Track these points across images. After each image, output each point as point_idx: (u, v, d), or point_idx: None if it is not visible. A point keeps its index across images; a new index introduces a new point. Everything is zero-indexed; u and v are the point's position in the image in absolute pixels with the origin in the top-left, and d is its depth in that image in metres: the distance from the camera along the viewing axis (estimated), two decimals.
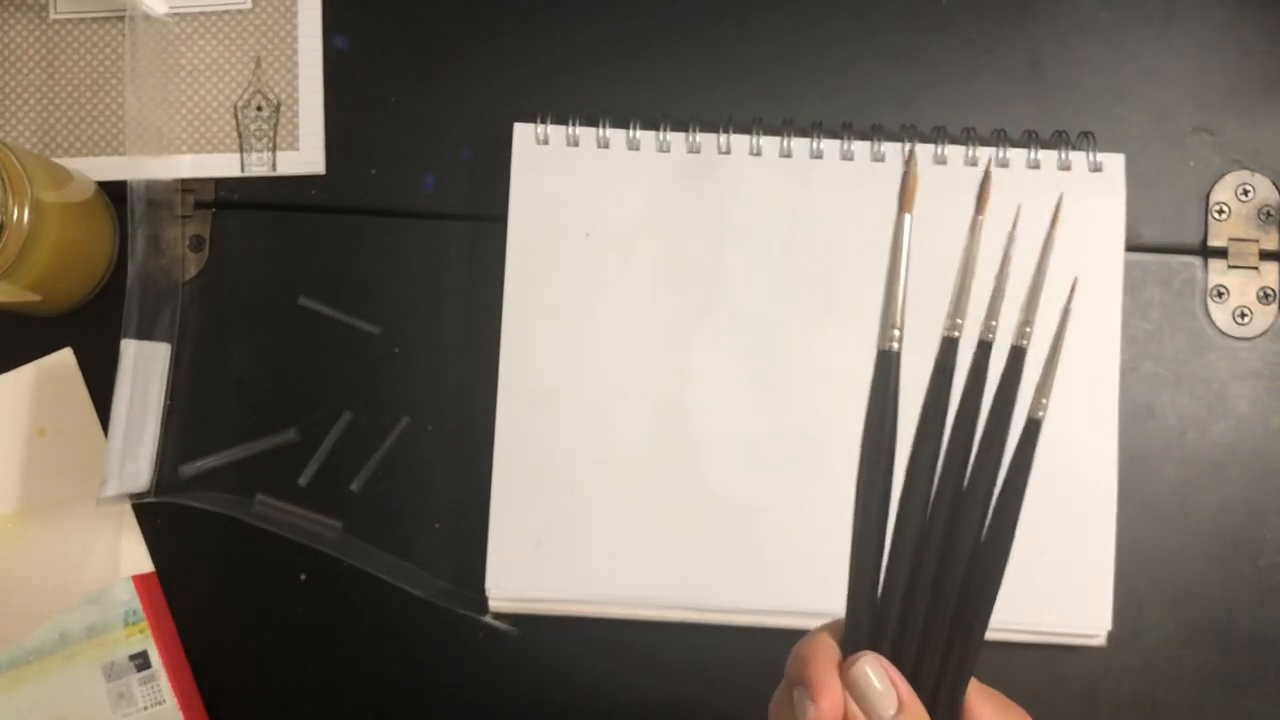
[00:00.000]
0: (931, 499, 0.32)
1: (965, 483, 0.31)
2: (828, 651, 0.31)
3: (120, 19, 0.55)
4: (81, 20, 0.56)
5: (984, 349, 0.31)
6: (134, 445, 0.52)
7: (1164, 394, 0.52)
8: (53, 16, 0.56)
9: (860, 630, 0.32)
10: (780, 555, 0.50)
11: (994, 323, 0.31)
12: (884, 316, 0.31)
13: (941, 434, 0.31)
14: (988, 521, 0.31)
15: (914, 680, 0.31)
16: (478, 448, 0.52)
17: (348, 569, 0.51)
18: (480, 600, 0.51)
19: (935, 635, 0.32)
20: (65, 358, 0.54)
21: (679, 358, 0.51)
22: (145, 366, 0.52)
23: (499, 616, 0.52)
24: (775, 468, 0.51)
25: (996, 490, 0.31)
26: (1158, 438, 0.52)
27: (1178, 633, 0.51)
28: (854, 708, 0.30)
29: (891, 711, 0.30)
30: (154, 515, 0.53)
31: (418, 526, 0.53)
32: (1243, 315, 0.52)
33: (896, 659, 0.31)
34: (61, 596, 0.52)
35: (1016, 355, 0.31)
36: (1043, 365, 0.31)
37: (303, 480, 0.53)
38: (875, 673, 0.30)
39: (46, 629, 0.51)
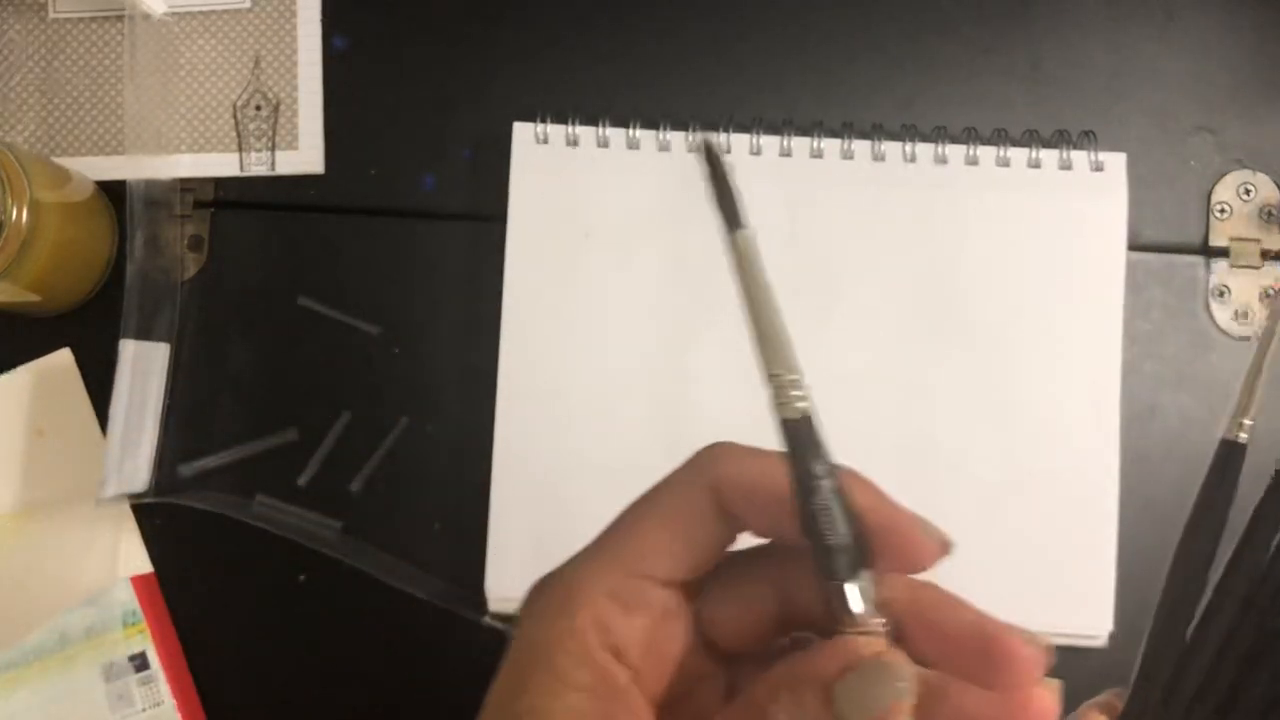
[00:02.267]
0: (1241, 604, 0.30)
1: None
2: None
3: (120, 18, 0.55)
4: (81, 20, 0.55)
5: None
6: (133, 445, 0.52)
7: (1166, 394, 0.52)
8: (52, 16, 0.56)
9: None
10: None
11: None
12: (1237, 405, 0.30)
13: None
14: None
15: None
16: (478, 448, 0.52)
17: (348, 569, 0.51)
18: (480, 600, 0.51)
19: None
20: (64, 358, 0.54)
21: (679, 358, 0.51)
22: (144, 366, 0.52)
23: (499, 617, 0.51)
24: None
25: None
26: (1159, 438, 0.52)
27: None
28: None
29: None
30: (154, 515, 0.53)
31: (418, 526, 0.53)
32: (1245, 315, 0.52)
33: None
34: (61, 597, 0.52)
35: None
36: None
37: (303, 480, 0.53)
38: None
39: (46, 629, 0.51)
